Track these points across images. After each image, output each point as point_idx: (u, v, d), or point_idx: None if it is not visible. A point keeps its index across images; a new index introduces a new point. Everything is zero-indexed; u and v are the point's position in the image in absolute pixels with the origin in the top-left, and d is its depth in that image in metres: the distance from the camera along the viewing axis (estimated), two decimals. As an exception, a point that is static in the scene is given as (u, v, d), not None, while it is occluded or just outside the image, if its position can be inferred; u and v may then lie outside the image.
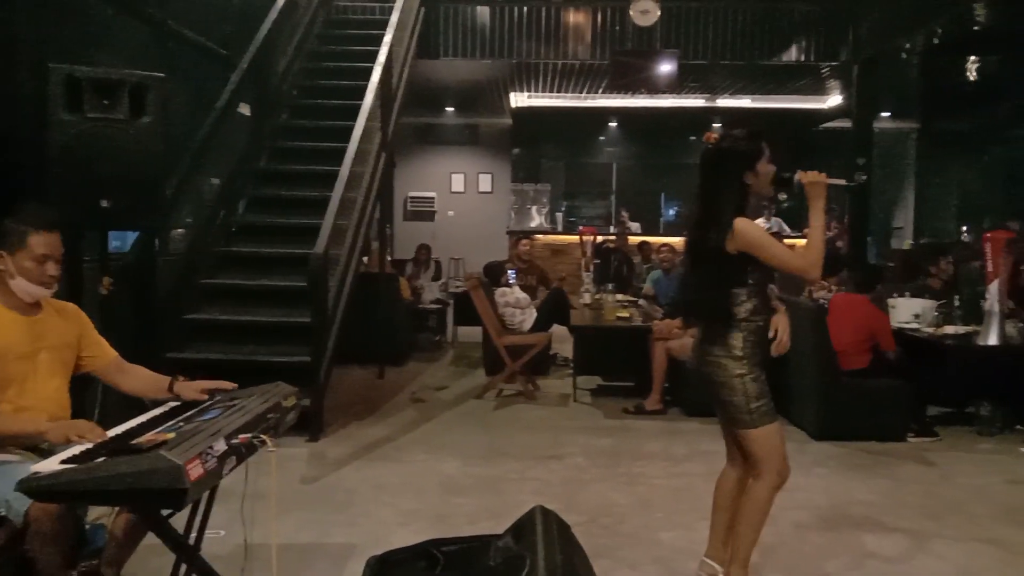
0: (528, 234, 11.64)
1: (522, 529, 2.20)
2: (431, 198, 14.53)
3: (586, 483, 4.56)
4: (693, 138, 15.33)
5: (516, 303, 7.23)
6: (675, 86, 10.17)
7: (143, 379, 2.85)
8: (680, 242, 8.24)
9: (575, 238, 11.80)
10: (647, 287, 8.18)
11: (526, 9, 9.70)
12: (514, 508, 3.26)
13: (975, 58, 10.16)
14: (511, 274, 7.64)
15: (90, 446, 2.22)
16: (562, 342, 8.15)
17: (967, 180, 14.41)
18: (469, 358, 8.49)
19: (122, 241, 5.94)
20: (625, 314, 6.89)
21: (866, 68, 9.61)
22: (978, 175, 14.19)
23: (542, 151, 15.61)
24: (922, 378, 5.70)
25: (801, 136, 13.73)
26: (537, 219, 14.27)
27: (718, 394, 2.93)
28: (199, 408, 2.56)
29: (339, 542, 3.66)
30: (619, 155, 15.82)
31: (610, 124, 15.18)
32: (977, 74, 10.86)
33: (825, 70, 10.62)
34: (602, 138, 15.66)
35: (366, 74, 7.00)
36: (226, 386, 2.74)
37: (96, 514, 2.57)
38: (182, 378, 2.78)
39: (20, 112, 4.38)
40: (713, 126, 14.60)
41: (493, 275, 7.51)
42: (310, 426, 5.25)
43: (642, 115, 13.83)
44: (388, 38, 7.37)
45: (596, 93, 12.53)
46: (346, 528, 3.83)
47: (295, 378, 3.22)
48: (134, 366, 2.90)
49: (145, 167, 4.10)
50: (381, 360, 7.43)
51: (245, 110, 7.24)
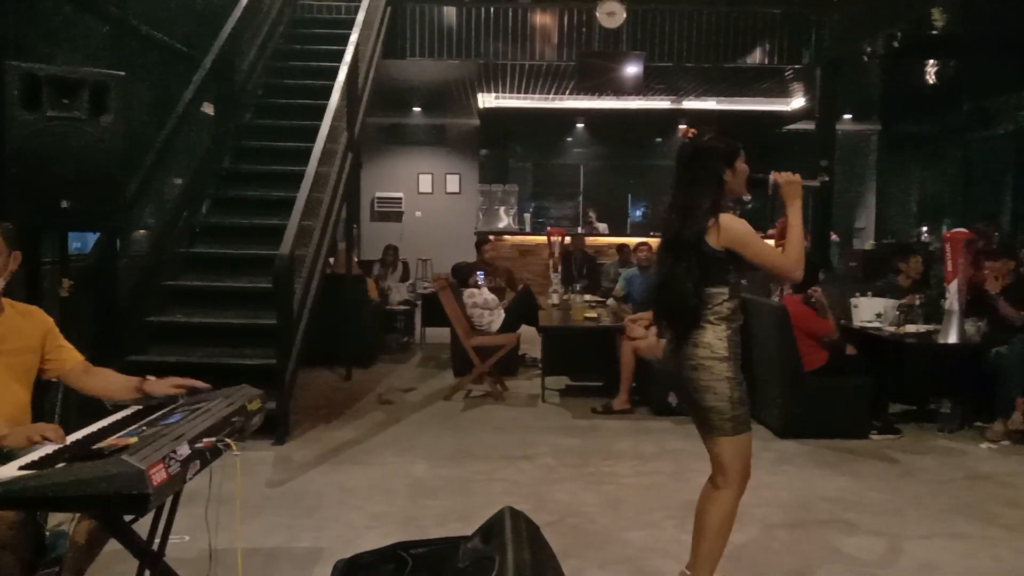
0: (496, 234, 11.67)
1: (491, 530, 2.19)
2: (398, 198, 14.47)
3: (555, 483, 4.56)
4: (659, 140, 15.50)
5: (484, 304, 7.22)
6: (641, 88, 10.25)
7: (111, 381, 2.79)
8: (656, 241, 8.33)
9: (543, 239, 11.83)
10: (617, 288, 8.22)
11: (493, 10, 9.71)
12: (483, 509, 3.25)
13: (933, 61, 10.37)
14: (479, 275, 7.62)
15: (51, 451, 2.17)
16: (531, 343, 8.16)
17: (926, 181, 14.70)
18: (437, 359, 8.46)
19: (83, 242, 5.83)
20: (593, 314, 6.92)
21: (828, 71, 9.76)
22: (937, 176, 14.48)
23: (510, 152, 15.65)
24: (884, 376, 5.80)
25: (765, 138, 13.92)
26: (505, 220, 14.29)
27: (701, 399, 2.80)
28: (162, 412, 2.52)
29: (306, 546, 3.63)
30: (586, 156, 15.91)
31: (577, 125, 15.26)
32: (935, 77, 11.09)
33: (788, 73, 10.77)
34: (569, 139, 15.74)
35: (332, 73, 6.94)
36: (198, 384, 2.68)
37: (57, 520, 2.52)
38: (151, 378, 2.73)
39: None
40: (679, 127, 14.77)
41: (461, 276, 7.50)
42: (276, 429, 5.19)
43: (609, 116, 13.92)
44: (354, 37, 7.32)
45: (563, 94, 12.58)
46: (313, 532, 3.79)
47: (260, 381, 3.18)
48: (101, 369, 2.84)
49: (106, 167, 4.03)
50: (348, 362, 7.38)
51: (209, 109, 7.15)
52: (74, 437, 2.32)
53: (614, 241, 13.12)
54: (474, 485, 4.50)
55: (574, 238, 10.72)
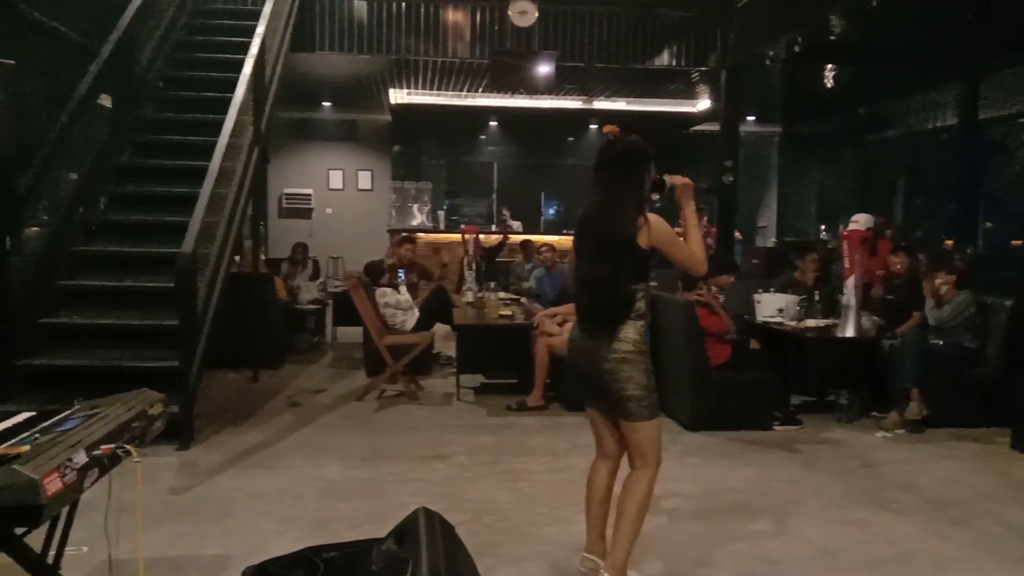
0: (411, 232, 11.57)
1: (405, 531, 2.18)
2: (308, 195, 14.20)
3: (469, 481, 4.56)
4: (571, 139, 15.68)
5: (396, 304, 7.15)
6: (553, 87, 10.35)
7: None
8: (560, 240, 8.42)
9: (458, 236, 11.81)
10: (528, 285, 8.28)
11: (404, 5, 9.62)
12: (397, 510, 3.22)
13: (832, 66, 10.82)
14: (400, 273, 7.54)
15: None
16: (445, 341, 8.14)
17: (825, 181, 15.33)
18: (349, 359, 8.34)
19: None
20: (507, 312, 6.95)
21: (733, 74, 10.06)
22: (835, 177, 15.12)
23: (423, 149, 15.55)
24: (786, 369, 6.03)
25: (673, 138, 14.26)
26: (419, 217, 14.20)
27: (621, 390, 2.93)
28: (57, 418, 2.40)
29: (213, 554, 3.52)
30: (500, 154, 15.95)
31: (491, 123, 15.29)
32: (834, 81, 11.58)
33: (695, 75, 11.05)
34: (483, 137, 15.76)
35: (238, 66, 6.76)
36: None
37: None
38: None
39: None
40: (590, 127, 14.98)
41: (374, 274, 7.41)
42: (179, 434, 5.03)
43: (522, 115, 14.00)
44: (261, 29, 7.15)
45: (476, 92, 12.59)
46: (220, 539, 3.68)
47: (162, 384, 3.09)
48: None
49: (-8, 160, 3.81)
50: (255, 363, 7.20)
51: (107, 102, 6.85)
52: (-43, 447, 2.19)
53: (528, 239, 13.23)
54: (387, 486, 4.46)
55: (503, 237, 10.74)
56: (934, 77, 11.11)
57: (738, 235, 12.71)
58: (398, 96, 12.97)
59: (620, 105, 13.16)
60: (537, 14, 9.43)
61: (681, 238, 3.03)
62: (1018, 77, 9.51)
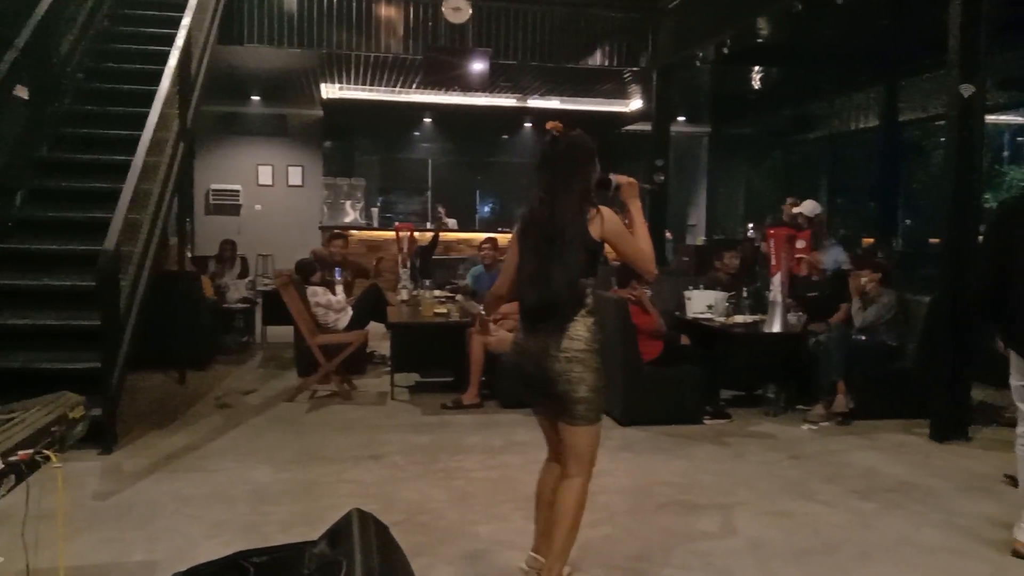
0: (343, 229, 11.40)
1: (338, 534, 2.14)
2: (236, 191, 13.88)
3: (404, 481, 4.53)
4: (506, 136, 15.71)
5: (328, 304, 7.04)
6: (487, 85, 10.35)
7: None
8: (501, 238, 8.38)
9: (391, 234, 11.71)
10: (465, 282, 8.26)
11: (336, -2, 9.50)
12: (330, 512, 3.17)
13: (759, 68, 11.10)
14: (337, 272, 7.44)
15: None
16: (379, 340, 8.06)
17: (752, 181, 15.72)
18: (280, 359, 8.19)
19: None
20: (443, 310, 6.91)
21: (664, 75, 10.22)
22: (761, 176, 15.52)
23: (356, 145, 15.37)
24: (715, 364, 6.16)
25: (606, 137, 14.42)
26: (352, 214, 14.04)
27: (574, 391, 2.82)
28: (-33, 424, 2.30)
29: (139, 560, 3.41)
30: (435, 151, 15.87)
31: (425, 120, 15.21)
32: (761, 83, 11.88)
33: (627, 75, 11.20)
34: (417, 133, 15.66)
35: (163, 58, 6.60)
36: None
37: None
38: None
39: None
40: (524, 125, 15.04)
41: (305, 272, 7.28)
42: (102, 438, 4.86)
43: (457, 112, 13.98)
44: (187, 21, 6.99)
45: (410, 88, 12.51)
46: (146, 545, 3.57)
47: (84, 386, 2.99)
48: None
49: None
50: (182, 364, 7.00)
51: (22, 93, 6.57)
52: None
53: (463, 236, 13.23)
54: (320, 488, 4.39)
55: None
56: (856, 80, 11.50)
57: (669, 235, 12.95)
58: (330, 91, 12.80)
59: (554, 104, 13.25)
60: (471, 11, 9.41)
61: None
62: (934, 81, 9.90)
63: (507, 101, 13.30)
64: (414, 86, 12.32)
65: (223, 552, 2.35)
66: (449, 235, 13.19)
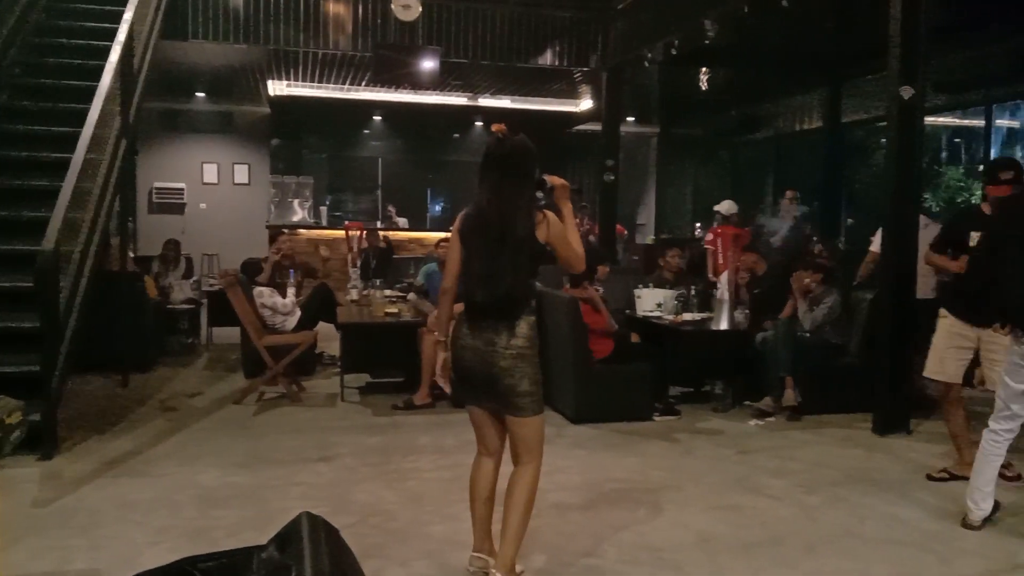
0: (291, 228, 11.29)
1: (287, 538, 2.11)
2: (180, 189, 13.59)
3: (355, 483, 4.48)
4: (457, 135, 15.68)
5: (274, 307, 6.93)
6: (438, 83, 10.30)
7: None
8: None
9: (341, 233, 11.60)
10: (420, 282, 8.21)
11: (283, -6, 9.36)
12: (279, 516, 3.11)
13: (706, 70, 11.26)
14: (292, 273, 7.32)
15: None
16: (329, 340, 7.97)
17: (700, 181, 15.95)
18: (226, 361, 8.04)
19: None
20: (394, 309, 6.86)
21: (613, 75, 10.30)
22: (709, 176, 15.75)
23: (304, 142, 15.20)
24: (664, 361, 6.23)
25: (557, 137, 14.50)
26: (300, 213, 13.87)
27: (518, 385, 2.96)
28: None
29: (80, 568, 3.32)
30: (385, 149, 15.77)
31: (375, 118, 15.10)
32: (709, 84, 12.05)
33: (577, 75, 11.26)
34: (367, 131, 15.54)
35: (104, 53, 6.41)
36: None
37: None
38: None
39: None
40: (475, 124, 15.03)
41: (251, 272, 7.16)
42: (42, 443, 4.70)
43: (407, 110, 13.91)
44: (128, 15, 6.81)
45: (359, 86, 12.39)
46: (89, 552, 3.47)
47: (22, 390, 2.89)
48: None
49: None
50: (125, 367, 6.84)
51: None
52: None
53: (414, 236, 13.16)
54: (268, 492, 4.32)
55: (369, 234, 10.57)
56: (801, 82, 11.74)
57: (625, 232, 13.09)
58: (277, 88, 12.62)
59: (505, 103, 13.26)
60: (421, 9, 9.35)
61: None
62: (876, 84, 10.15)
63: (458, 100, 13.28)
64: (363, 84, 12.21)
65: (168, 559, 2.29)
66: (400, 234, 13.12)
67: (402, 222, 13.83)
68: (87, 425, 5.49)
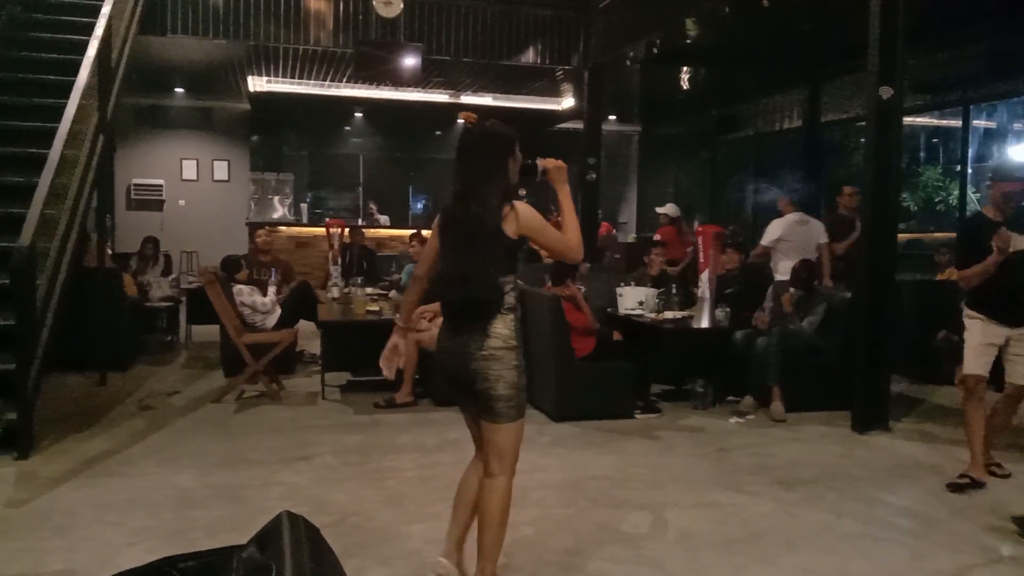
0: (271, 225, 11.20)
1: (267, 537, 2.09)
2: (159, 186, 13.48)
3: (336, 483, 4.46)
4: (439, 132, 15.64)
5: (253, 305, 6.88)
6: (419, 80, 10.26)
7: None
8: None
9: (322, 230, 11.52)
10: (403, 281, 8.17)
11: (263, -11, 9.29)
12: (259, 516, 3.10)
13: (687, 69, 11.29)
14: (272, 272, 7.25)
15: None
16: (309, 338, 7.93)
17: (681, 179, 16.00)
18: (205, 359, 7.97)
19: None
20: (375, 308, 6.83)
21: (595, 73, 10.31)
22: (689, 174, 15.80)
23: (284, 139, 15.10)
24: (646, 359, 6.24)
25: (538, 135, 14.48)
26: (280, 210, 13.78)
27: (492, 388, 2.78)
28: None
29: (56, 570, 3.28)
30: (366, 146, 15.69)
31: (356, 114, 15.02)
32: (689, 84, 12.09)
33: (559, 73, 11.27)
34: (348, 128, 15.46)
35: (81, 48, 6.34)
36: None
37: None
38: None
39: None
40: (458, 121, 14.96)
41: (231, 269, 7.10)
42: (17, 443, 4.64)
43: (388, 107, 13.83)
44: (106, 9, 6.74)
45: (340, 82, 12.32)
46: (65, 554, 3.43)
47: (-4, 390, 2.84)
48: None
49: None
50: (102, 365, 6.76)
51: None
52: None
53: (395, 233, 13.10)
54: (248, 492, 4.29)
55: (352, 232, 10.53)
56: (781, 82, 11.81)
57: (613, 231, 13.14)
58: (257, 84, 12.52)
59: (487, 100, 13.23)
60: (403, 5, 9.32)
61: (552, 223, 2.96)
62: (854, 84, 10.23)
63: (440, 97, 13.23)
64: (344, 80, 12.14)
65: (146, 559, 2.27)
66: (381, 232, 13.06)
67: (384, 220, 13.77)
68: (64, 424, 5.43)
